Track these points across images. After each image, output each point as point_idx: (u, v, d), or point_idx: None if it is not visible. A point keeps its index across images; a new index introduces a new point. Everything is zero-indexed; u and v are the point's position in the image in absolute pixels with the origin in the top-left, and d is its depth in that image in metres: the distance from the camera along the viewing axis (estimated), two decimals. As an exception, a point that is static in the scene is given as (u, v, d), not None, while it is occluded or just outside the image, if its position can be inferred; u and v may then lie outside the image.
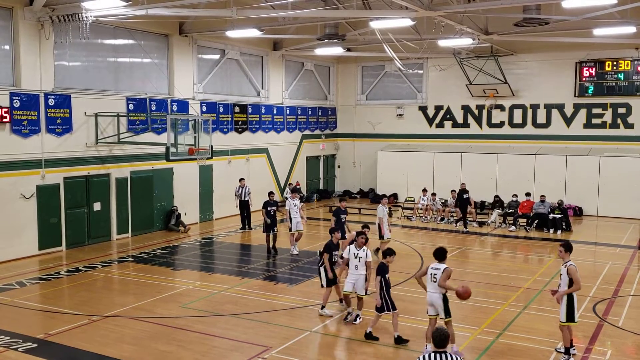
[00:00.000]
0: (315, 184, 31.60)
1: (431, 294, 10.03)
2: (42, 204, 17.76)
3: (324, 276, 12.28)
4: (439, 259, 10.10)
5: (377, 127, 31.58)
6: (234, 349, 10.61)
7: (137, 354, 10.29)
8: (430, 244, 19.79)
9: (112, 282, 15.42)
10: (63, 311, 12.66)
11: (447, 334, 6.35)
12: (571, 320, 9.83)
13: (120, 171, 20.24)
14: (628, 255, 18.34)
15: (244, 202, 22.21)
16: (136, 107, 20.56)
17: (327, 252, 12.29)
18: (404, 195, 28.57)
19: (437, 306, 10.02)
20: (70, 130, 18.54)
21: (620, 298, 13.73)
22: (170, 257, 17.88)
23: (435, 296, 9.98)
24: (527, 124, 27.84)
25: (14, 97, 16.96)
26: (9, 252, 16.98)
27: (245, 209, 22.25)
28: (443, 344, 6.29)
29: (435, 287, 9.94)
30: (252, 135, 26.45)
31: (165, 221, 21.91)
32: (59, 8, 17.06)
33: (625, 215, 24.44)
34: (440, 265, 10.02)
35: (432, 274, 9.97)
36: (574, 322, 9.90)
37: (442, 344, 6.29)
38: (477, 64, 27.73)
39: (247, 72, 26.46)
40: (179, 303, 13.20)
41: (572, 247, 10.25)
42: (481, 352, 10.37)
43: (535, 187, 25.27)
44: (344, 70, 32.55)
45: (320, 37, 23.63)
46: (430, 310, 10.16)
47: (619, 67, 25.56)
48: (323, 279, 12.34)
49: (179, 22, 22.25)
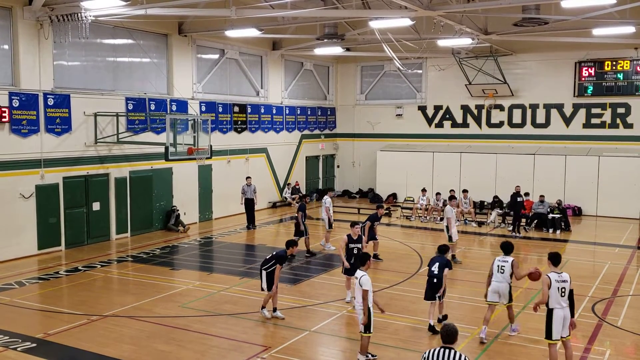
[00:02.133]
0: (315, 184, 31.60)
1: (499, 283, 10.88)
2: (41, 204, 17.76)
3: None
4: (506, 252, 11.04)
5: (376, 127, 31.58)
6: (233, 348, 10.61)
7: (136, 354, 10.29)
8: (429, 244, 19.81)
9: (111, 281, 15.42)
10: (62, 311, 12.66)
11: (455, 330, 6.40)
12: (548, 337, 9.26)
13: (119, 171, 20.24)
14: (627, 255, 18.35)
15: (249, 200, 22.40)
16: (135, 107, 20.55)
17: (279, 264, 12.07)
18: (403, 195, 28.59)
19: (503, 294, 10.91)
20: (69, 130, 18.53)
21: (619, 298, 13.74)
22: (170, 257, 17.88)
23: (503, 285, 10.89)
24: (527, 124, 27.86)
25: (13, 97, 16.95)
26: (8, 251, 16.97)
27: (250, 207, 22.43)
28: (450, 339, 6.33)
29: (504, 277, 10.87)
30: (251, 135, 26.45)
31: (164, 221, 21.92)
32: (58, 8, 17.04)
33: (624, 215, 24.45)
34: (507, 258, 10.95)
35: (500, 265, 10.92)
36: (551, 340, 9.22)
37: (450, 340, 6.33)
38: (476, 63, 27.74)
39: (246, 71, 26.46)
40: (178, 303, 13.20)
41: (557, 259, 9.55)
42: (480, 352, 10.38)
43: (535, 187, 25.28)
44: (343, 70, 32.55)
45: (319, 37, 23.65)
46: (493, 297, 10.98)
47: (618, 67, 25.57)
48: None
49: (178, 22, 22.25)
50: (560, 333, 9.18)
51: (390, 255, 17.82)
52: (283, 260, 12.13)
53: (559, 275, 9.24)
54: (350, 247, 13.20)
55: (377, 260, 17.00)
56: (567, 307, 9.25)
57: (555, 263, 9.47)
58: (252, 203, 22.41)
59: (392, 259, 17.38)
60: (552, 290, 9.14)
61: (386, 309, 12.22)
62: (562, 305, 9.19)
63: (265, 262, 12.13)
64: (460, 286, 14.60)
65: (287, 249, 12.21)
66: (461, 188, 25.22)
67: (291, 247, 12.27)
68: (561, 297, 9.17)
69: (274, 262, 11.98)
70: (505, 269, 10.85)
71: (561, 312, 9.18)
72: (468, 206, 23.55)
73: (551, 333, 9.19)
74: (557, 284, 9.15)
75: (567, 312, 9.24)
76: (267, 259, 12.20)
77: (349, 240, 13.24)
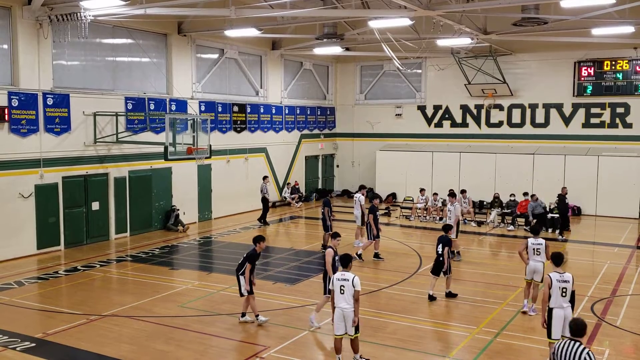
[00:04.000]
0: (314, 184, 31.59)
1: (536, 263, 12.30)
2: (40, 204, 17.75)
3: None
4: (535, 235, 12.57)
5: (375, 126, 31.58)
6: (232, 348, 10.61)
7: (135, 354, 10.29)
8: (429, 244, 19.80)
9: (111, 281, 15.41)
10: (61, 310, 12.66)
11: (584, 325, 6.75)
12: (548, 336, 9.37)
13: (118, 171, 20.23)
14: (626, 254, 18.35)
15: (266, 199, 23.19)
16: (135, 107, 20.54)
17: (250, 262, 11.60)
18: (402, 195, 28.59)
19: (539, 273, 12.25)
20: (68, 130, 18.52)
21: (619, 297, 13.74)
22: (169, 257, 17.88)
23: (539, 265, 12.29)
24: (526, 124, 27.86)
25: (12, 97, 16.94)
26: (7, 251, 16.96)
27: (266, 205, 23.28)
28: (579, 333, 6.66)
29: (541, 257, 12.27)
30: (250, 135, 26.44)
31: (163, 221, 21.91)
32: (57, 7, 17.03)
33: (623, 214, 24.46)
34: (540, 239, 12.40)
35: (535, 248, 12.29)
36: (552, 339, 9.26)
37: (579, 333, 6.66)
38: (475, 63, 27.74)
39: (245, 71, 26.45)
40: (177, 302, 13.19)
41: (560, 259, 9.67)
42: (479, 352, 10.38)
43: (534, 187, 25.28)
44: (342, 70, 32.55)
45: (319, 37, 23.64)
46: (533, 276, 12.37)
47: (617, 66, 25.57)
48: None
49: (178, 22, 22.23)
50: (560, 333, 9.12)
51: (390, 255, 17.82)
52: (253, 259, 11.62)
53: (560, 275, 9.24)
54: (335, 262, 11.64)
55: (378, 259, 17.03)
56: (569, 308, 9.24)
57: (558, 263, 9.50)
58: (267, 201, 23.36)
59: (391, 259, 17.38)
60: (553, 290, 9.15)
61: (385, 309, 12.25)
62: (563, 306, 9.18)
63: (239, 267, 11.71)
64: (461, 286, 14.60)
65: (255, 245, 11.74)
66: (460, 188, 25.23)
67: (259, 243, 11.72)
68: (562, 298, 9.16)
69: (244, 262, 11.61)
70: (541, 250, 12.28)
71: (561, 312, 9.16)
72: (467, 206, 23.55)
73: (551, 333, 9.21)
74: (559, 284, 9.16)
75: (569, 313, 9.21)
76: (240, 262, 11.77)
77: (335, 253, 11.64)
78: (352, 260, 9.92)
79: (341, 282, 9.52)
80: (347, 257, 9.84)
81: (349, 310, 9.42)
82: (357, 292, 9.44)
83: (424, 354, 10.34)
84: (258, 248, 11.76)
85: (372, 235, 17.09)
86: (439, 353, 10.43)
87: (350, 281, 9.44)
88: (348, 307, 9.42)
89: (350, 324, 9.46)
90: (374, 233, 17.06)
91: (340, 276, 9.60)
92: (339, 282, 9.55)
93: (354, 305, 9.42)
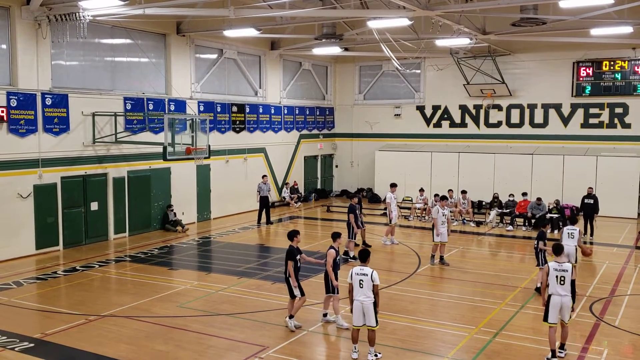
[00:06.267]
0: (313, 184, 31.60)
1: (569, 246, 13.50)
2: (39, 204, 17.74)
3: None
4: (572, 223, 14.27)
5: (374, 126, 31.58)
6: (231, 348, 10.61)
7: (134, 354, 10.28)
8: (428, 244, 19.79)
9: (110, 281, 15.41)
10: (60, 311, 12.65)
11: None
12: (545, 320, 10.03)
13: (117, 171, 20.22)
14: (625, 254, 18.37)
15: (264, 198, 23.06)
16: (133, 107, 20.53)
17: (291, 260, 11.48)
18: (401, 195, 28.57)
19: (572, 255, 13.55)
20: (67, 130, 18.51)
21: (617, 297, 13.76)
22: (168, 257, 17.87)
23: (572, 249, 13.65)
24: (525, 124, 27.88)
25: (11, 97, 16.93)
26: (6, 251, 16.95)
27: (265, 204, 23.08)
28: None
29: (574, 241, 13.78)
30: (249, 135, 26.44)
31: (162, 221, 21.89)
32: (56, 7, 17.02)
33: (622, 215, 24.45)
34: (576, 227, 14.06)
35: (570, 232, 13.91)
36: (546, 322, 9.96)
37: None
38: (474, 63, 27.76)
39: (244, 71, 26.45)
40: (176, 303, 13.19)
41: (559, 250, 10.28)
42: (478, 352, 10.39)
43: (533, 187, 25.29)
44: (341, 70, 32.55)
45: (317, 37, 23.65)
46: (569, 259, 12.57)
47: (616, 66, 25.60)
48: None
49: (177, 22, 22.23)
50: (556, 318, 9.83)
51: (389, 254, 17.82)
52: (293, 255, 11.40)
53: (559, 264, 9.89)
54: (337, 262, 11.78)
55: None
56: (567, 296, 9.81)
57: (557, 253, 10.16)
58: (267, 201, 23.18)
59: (390, 259, 17.38)
60: (550, 278, 9.85)
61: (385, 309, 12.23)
62: (560, 294, 9.78)
63: (285, 271, 11.61)
64: (459, 286, 14.62)
65: (291, 241, 11.58)
66: (459, 188, 25.27)
67: (295, 238, 11.56)
68: (559, 285, 9.78)
69: (285, 263, 11.50)
70: (575, 237, 13.75)
71: (558, 299, 9.80)
72: (466, 206, 23.57)
73: (547, 316, 9.90)
74: (556, 272, 9.82)
75: (566, 300, 9.81)
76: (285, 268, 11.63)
77: (337, 253, 11.76)
78: (369, 255, 10.29)
79: (360, 276, 9.96)
80: (365, 252, 10.25)
81: (368, 302, 9.88)
82: (376, 287, 9.93)
83: (423, 354, 10.35)
84: (295, 243, 11.57)
85: (353, 235, 17.37)
86: (438, 353, 10.43)
87: (369, 276, 9.91)
88: (367, 300, 9.89)
89: (369, 316, 9.90)
90: (355, 232, 17.38)
91: (359, 270, 10.02)
92: (358, 276, 9.98)
93: (375, 298, 9.92)
